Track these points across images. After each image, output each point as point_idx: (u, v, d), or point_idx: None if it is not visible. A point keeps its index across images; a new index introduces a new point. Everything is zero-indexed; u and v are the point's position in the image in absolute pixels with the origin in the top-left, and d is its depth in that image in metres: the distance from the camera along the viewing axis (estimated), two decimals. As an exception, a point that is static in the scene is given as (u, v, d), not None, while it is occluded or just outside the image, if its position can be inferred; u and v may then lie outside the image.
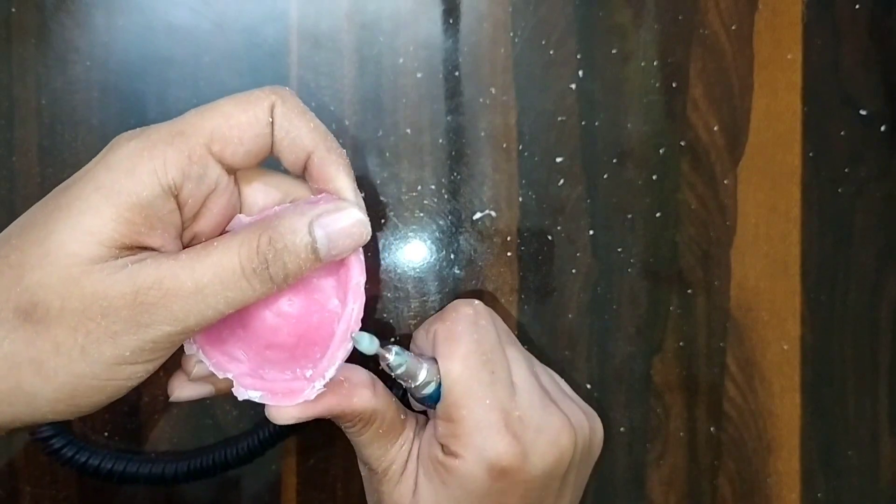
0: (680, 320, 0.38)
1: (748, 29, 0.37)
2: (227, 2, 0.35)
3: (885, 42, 0.38)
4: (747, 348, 0.38)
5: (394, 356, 0.27)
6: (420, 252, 0.37)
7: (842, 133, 0.38)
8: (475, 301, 0.30)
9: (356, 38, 0.36)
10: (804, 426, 0.38)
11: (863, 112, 0.38)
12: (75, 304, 0.22)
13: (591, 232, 0.37)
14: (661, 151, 0.37)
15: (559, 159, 0.37)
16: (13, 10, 0.35)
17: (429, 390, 0.28)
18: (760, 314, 0.38)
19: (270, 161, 0.26)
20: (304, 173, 0.26)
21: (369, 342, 0.26)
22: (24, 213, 0.24)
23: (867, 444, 0.38)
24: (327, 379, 0.26)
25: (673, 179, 0.37)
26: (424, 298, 0.37)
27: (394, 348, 0.27)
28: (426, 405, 0.30)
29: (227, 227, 0.27)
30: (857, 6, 0.38)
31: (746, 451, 0.38)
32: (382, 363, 0.27)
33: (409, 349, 0.31)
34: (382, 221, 0.36)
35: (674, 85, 0.37)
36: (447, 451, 0.28)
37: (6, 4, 0.35)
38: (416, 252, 0.37)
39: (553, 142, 0.37)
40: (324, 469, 0.37)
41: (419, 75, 0.36)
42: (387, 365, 0.27)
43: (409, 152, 0.36)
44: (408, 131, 0.36)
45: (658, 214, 0.37)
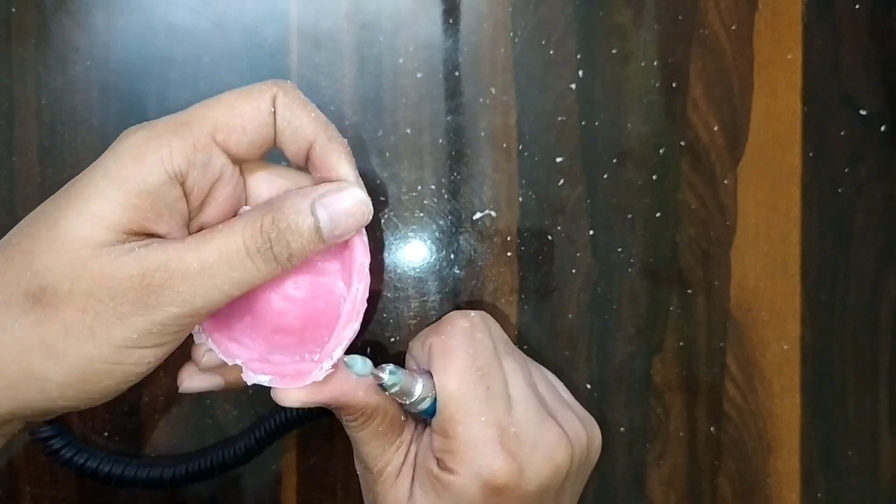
0: (680, 320, 0.38)
1: (748, 29, 0.37)
2: (227, 2, 0.35)
3: (885, 42, 0.38)
4: (747, 348, 0.38)
5: (388, 375, 0.26)
6: (420, 252, 0.37)
7: (842, 133, 0.38)
8: (471, 313, 0.30)
9: (356, 38, 0.36)
10: (804, 426, 0.38)
11: (863, 112, 0.38)
12: (84, 287, 0.23)
13: (591, 232, 0.37)
14: (661, 151, 0.37)
15: (559, 159, 0.37)
16: (13, 10, 0.35)
17: (424, 406, 0.28)
18: (760, 314, 0.38)
19: (274, 158, 0.26)
20: (307, 164, 0.27)
21: (362, 365, 0.26)
22: (38, 207, 0.24)
23: (867, 444, 0.38)
24: (335, 359, 0.26)
25: (673, 179, 0.37)
26: (424, 298, 0.37)
27: (388, 367, 0.27)
28: (423, 419, 0.29)
29: None
30: (857, 6, 0.38)
31: (746, 451, 0.38)
32: (376, 383, 0.27)
33: (405, 361, 0.31)
34: (382, 221, 0.36)
35: (674, 85, 0.37)
36: (442, 466, 0.27)
37: (6, 4, 0.35)
38: (417, 252, 0.37)
39: (553, 142, 0.37)
40: (324, 469, 0.37)
41: (419, 75, 0.36)
42: (381, 385, 0.27)
43: (409, 152, 0.36)
44: (408, 131, 0.36)
45: (658, 214, 0.37)
